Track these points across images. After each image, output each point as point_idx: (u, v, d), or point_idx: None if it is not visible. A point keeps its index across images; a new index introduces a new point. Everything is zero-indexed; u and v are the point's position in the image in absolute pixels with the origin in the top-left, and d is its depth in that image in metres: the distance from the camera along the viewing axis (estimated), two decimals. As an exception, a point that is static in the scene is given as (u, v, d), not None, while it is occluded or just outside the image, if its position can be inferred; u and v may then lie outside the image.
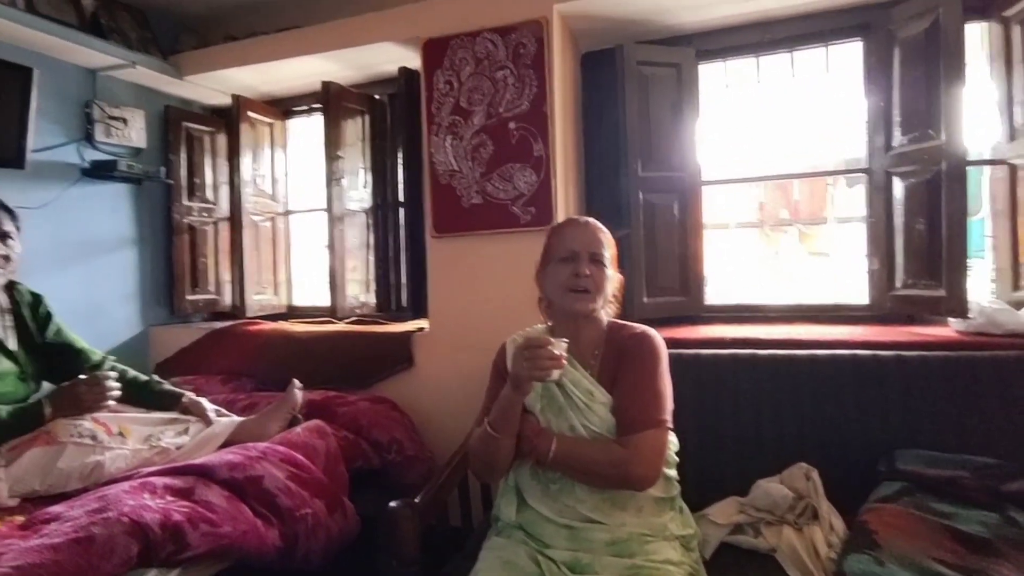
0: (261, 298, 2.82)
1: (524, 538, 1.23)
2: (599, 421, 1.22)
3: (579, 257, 1.26)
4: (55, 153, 2.35)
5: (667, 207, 2.15)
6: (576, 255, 1.26)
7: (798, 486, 1.42)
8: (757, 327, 1.99)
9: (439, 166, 2.10)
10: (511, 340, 1.39)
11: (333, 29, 2.34)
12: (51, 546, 1.09)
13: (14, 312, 1.60)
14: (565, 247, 1.28)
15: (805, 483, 1.42)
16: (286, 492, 1.47)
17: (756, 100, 2.27)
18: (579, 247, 1.27)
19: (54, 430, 1.45)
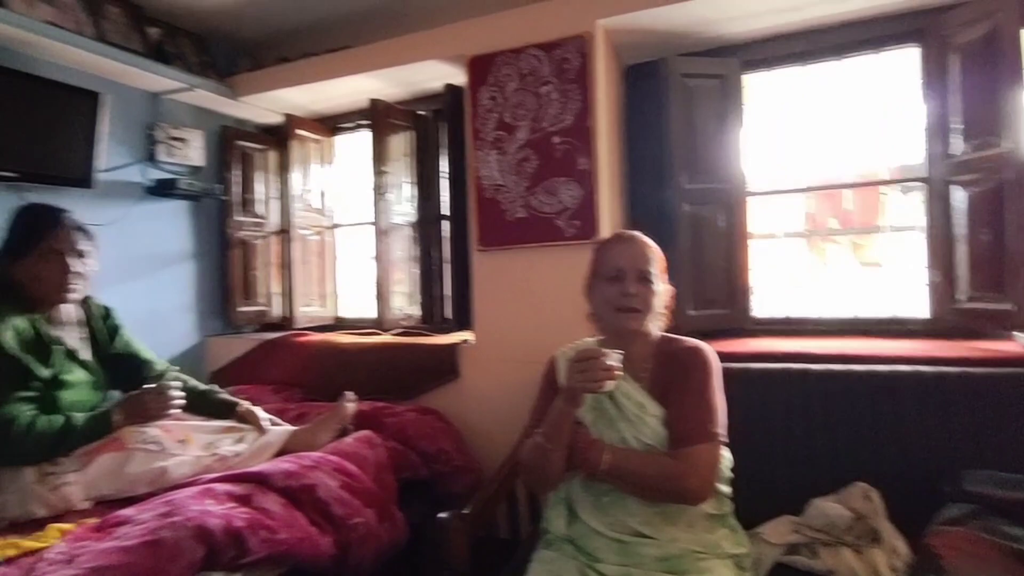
0: (309, 310, 2.90)
1: (574, 552, 1.23)
2: (651, 433, 1.22)
3: (625, 276, 1.26)
4: (121, 173, 2.48)
5: (712, 219, 2.13)
6: (623, 273, 1.26)
7: (857, 506, 1.38)
8: (807, 341, 1.94)
9: (484, 180, 2.13)
10: (561, 353, 1.40)
11: (381, 49, 2.41)
12: (124, 548, 1.14)
13: (87, 324, 1.69)
14: (611, 265, 1.28)
15: (864, 503, 1.38)
16: (339, 501, 1.51)
17: (804, 109, 2.23)
18: (625, 265, 1.27)
19: (123, 437, 1.52)
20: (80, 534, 1.25)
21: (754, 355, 1.77)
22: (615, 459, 1.17)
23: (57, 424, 1.43)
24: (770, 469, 1.54)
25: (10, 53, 2.10)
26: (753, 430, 1.55)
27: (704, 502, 1.17)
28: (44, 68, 2.19)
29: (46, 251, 1.52)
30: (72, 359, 1.59)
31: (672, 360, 1.28)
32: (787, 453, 1.54)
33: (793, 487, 1.49)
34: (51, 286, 1.53)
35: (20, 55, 2.13)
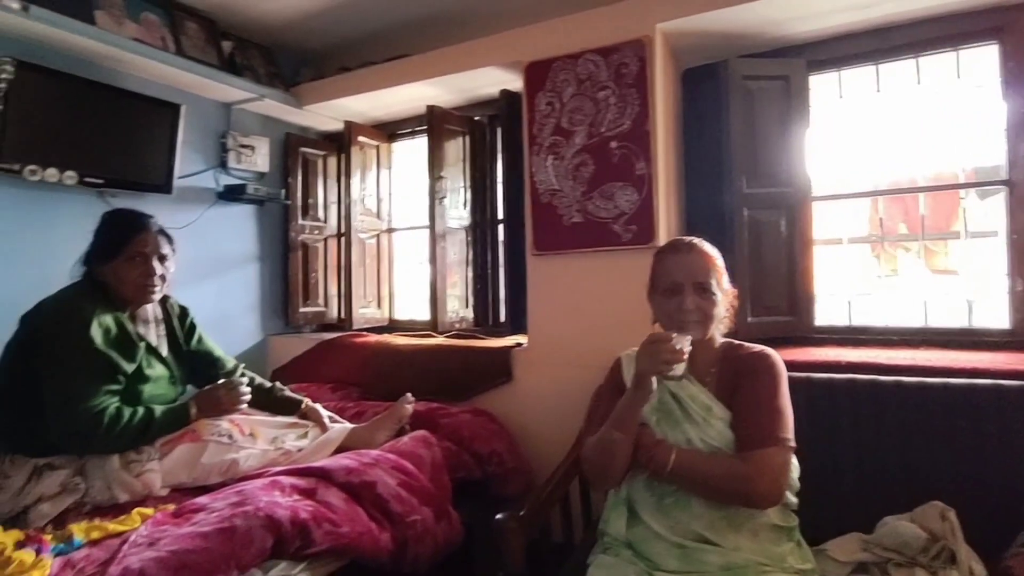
0: (366, 311, 2.98)
1: (632, 557, 1.22)
2: (717, 435, 1.21)
3: (683, 289, 1.25)
4: (196, 179, 2.63)
5: (773, 223, 2.08)
6: (679, 287, 1.25)
7: (932, 526, 1.31)
8: (874, 351, 1.86)
9: (540, 185, 2.14)
10: (626, 354, 1.40)
11: (439, 56, 2.46)
12: (201, 534, 1.21)
13: (166, 323, 1.79)
14: (668, 278, 1.28)
15: (940, 523, 1.31)
16: (397, 498, 1.55)
17: (873, 110, 2.15)
18: (682, 278, 1.26)
19: (198, 429, 1.61)
20: (160, 519, 1.32)
21: (818, 364, 1.71)
22: (682, 459, 1.17)
23: (141, 415, 1.52)
24: (836, 484, 1.48)
25: (98, 68, 2.26)
26: (818, 443, 1.50)
27: (773, 506, 1.15)
28: (128, 81, 2.34)
29: (132, 254, 1.61)
30: (153, 355, 1.69)
31: (738, 365, 1.27)
32: (855, 468, 1.48)
33: (861, 504, 1.44)
34: (134, 287, 1.62)
35: (107, 69, 2.29)
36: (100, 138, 2.21)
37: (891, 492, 1.42)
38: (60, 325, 1.49)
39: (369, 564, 1.46)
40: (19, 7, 1.92)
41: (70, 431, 1.45)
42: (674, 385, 1.28)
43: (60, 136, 2.11)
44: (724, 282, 1.30)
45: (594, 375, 1.82)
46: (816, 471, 1.46)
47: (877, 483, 1.46)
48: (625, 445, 1.20)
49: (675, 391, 1.28)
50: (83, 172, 2.13)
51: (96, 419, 1.44)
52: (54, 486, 1.44)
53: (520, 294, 2.37)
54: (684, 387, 1.27)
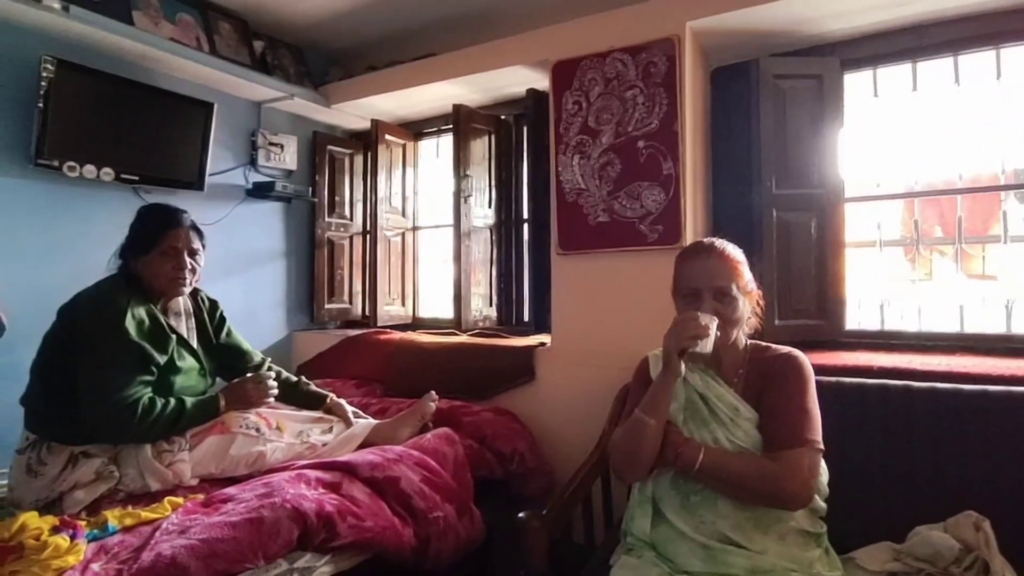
0: (390, 309, 3.01)
1: (656, 559, 1.21)
2: (744, 436, 1.20)
3: (701, 296, 1.24)
4: (226, 176, 2.68)
5: (803, 225, 2.04)
6: (698, 293, 1.25)
7: (966, 537, 1.27)
8: (908, 356, 1.82)
9: (566, 184, 2.14)
10: (652, 354, 1.39)
11: (466, 56, 2.47)
12: (230, 523, 1.23)
13: (196, 316, 1.83)
14: (687, 284, 1.27)
15: (974, 534, 1.27)
16: (420, 494, 1.56)
17: (911, 109, 2.10)
18: (701, 284, 1.25)
19: (227, 421, 1.64)
20: (190, 508, 1.35)
21: (848, 369, 1.67)
22: (711, 457, 1.16)
23: (172, 407, 1.55)
24: (866, 492, 1.45)
25: (135, 67, 2.32)
26: (848, 449, 1.47)
27: (802, 508, 1.14)
28: (163, 80, 2.40)
29: (164, 248, 1.64)
30: (184, 347, 1.72)
31: (765, 367, 1.26)
32: (886, 476, 1.45)
33: (892, 513, 1.40)
34: (166, 280, 1.65)
35: (143, 69, 2.34)
36: (136, 136, 2.26)
37: (923, 501, 1.38)
38: (96, 317, 1.53)
39: (392, 559, 1.47)
40: (60, 7, 1.98)
41: (105, 420, 1.48)
42: (700, 386, 1.27)
43: (98, 134, 2.17)
44: (747, 284, 1.28)
45: (617, 376, 1.81)
46: (845, 478, 1.43)
47: (909, 491, 1.42)
48: (654, 431, 1.19)
49: (702, 391, 1.27)
50: (119, 169, 2.19)
51: (130, 409, 1.48)
52: (89, 474, 1.48)
53: (544, 293, 2.36)
54: (711, 387, 1.26)
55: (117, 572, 1.10)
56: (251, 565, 1.20)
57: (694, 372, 1.30)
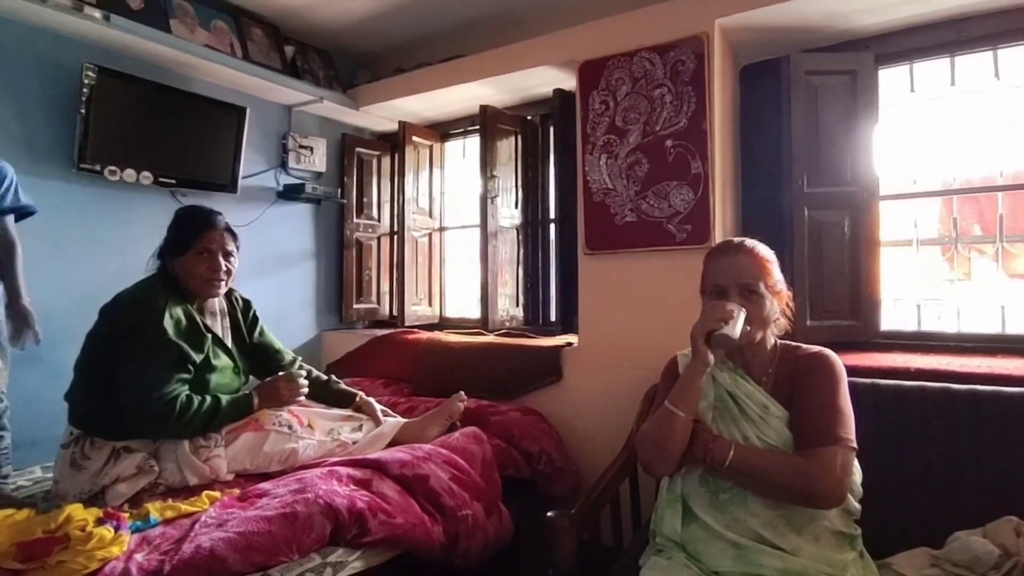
0: (417, 309, 3.04)
1: (686, 560, 1.21)
2: (774, 434, 1.19)
3: (727, 293, 1.23)
4: (258, 179, 2.74)
5: (836, 224, 2.00)
6: (724, 291, 1.24)
7: (1005, 542, 1.24)
8: (946, 358, 1.77)
9: (593, 184, 2.14)
10: (681, 354, 1.39)
11: (492, 57, 2.49)
12: (265, 517, 1.26)
13: (231, 315, 1.87)
14: (713, 281, 1.26)
15: (1015, 539, 1.24)
16: (449, 492, 1.57)
17: (949, 105, 2.04)
18: (727, 281, 1.24)
19: (261, 419, 1.67)
20: (227, 502, 1.39)
21: (884, 370, 1.64)
22: (741, 454, 1.15)
23: (208, 404, 1.59)
24: (902, 496, 1.42)
25: (172, 73, 2.38)
26: (884, 452, 1.45)
27: (835, 507, 1.12)
28: (198, 86, 2.46)
29: (200, 250, 1.68)
30: (219, 346, 1.76)
31: (796, 366, 1.25)
32: (923, 480, 1.41)
33: (928, 517, 1.37)
34: (201, 281, 1.69)
35: (180, 75, 2.41)
36: (173, 140, 2.33)
37: (962, 506, 1.35)
38: (136, 317, 1.57)
39: (421, 556, 1.49)
40: (101, 16, 2.05)
41: (144, 417, 1.52)
42: (729, 384, 1.26)
43: (137, 138, 2.24)
44: (776, 284, 1.27)
45: (645, 376, 1.81)
46: (881, 482, 1.41)
47: (947, 496, 1.39)
48: (684, 422, 1.18)
49: (731, 389, 1.26)
50: (157, 172, 2.26)
51: (168, 406, 1.52)
52: (130, 468, 1.53)
53: (571, 293, 2.36)
54: (740, 386, 1.25)
55: (159, 563, 1.14)
56: (286, 559, 1.23)
57: (723, 370, 1.29)
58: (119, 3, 2.14)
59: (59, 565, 1.11)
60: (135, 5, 2.19)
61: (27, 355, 1.97)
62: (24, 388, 1.93)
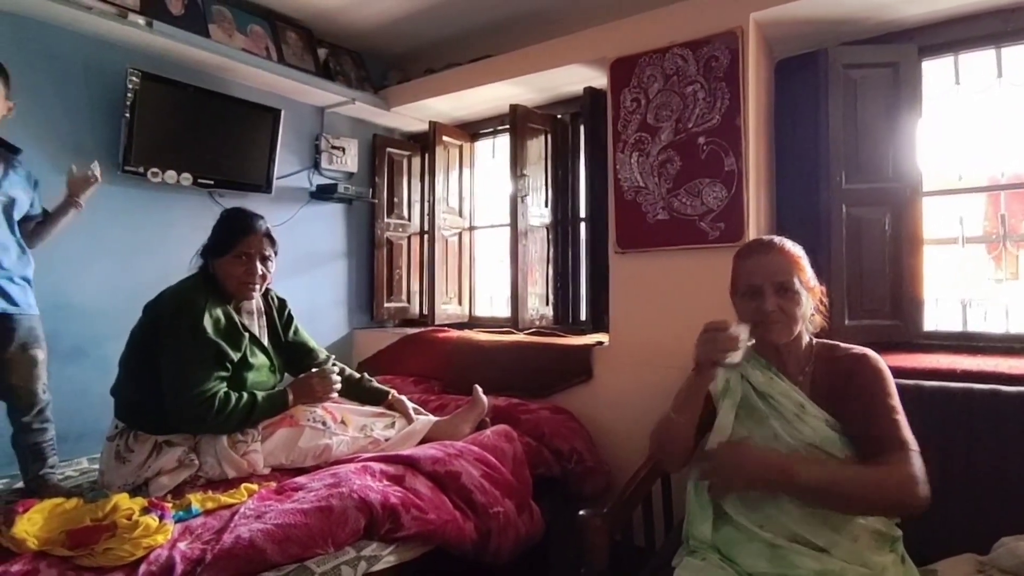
0: (447, 308, 3.06)
1: (720, 562, 1.19)
2: (811, 433, 1.16)
3: (762, 293, 1.21)
4: (292, 179, 2.79)
5: (876, 221, 1.95)
6: (758, 290, 1.21)
7: (1058, 550, 1.19)
8: (994, 359, 1.71)
9: (624, 182, 2.12)
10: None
11: (522, 56, 2.49)
12: (302, 510, 1.29)
13: (267, 314, 1.91)
14: (747, 280, 1.24)
15: (1068, 547, 1.19)
16: (481, 490, 1.58)
17: (996, 97, 1.97)
18: (761, 280, 1.22)
19: (296, 415, 1.70)
20: (265, 495, 1.42)
21: (929, 372, 1.59)
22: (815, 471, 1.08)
23: (245, 400, 1.63)
24: (947, 501, 1.36)
25: (210, 77, 2.45)
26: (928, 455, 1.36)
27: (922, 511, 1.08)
28: (235, 89, 2.52)
29: (239, 253, 1.71)
30: (256, 344, 1.80)
31: (836, 366, 1.22)
32: (969, 484, 1.37)
33: (976, 523, 1.32)
34: (237, 283, 1.72)
35: (218, 79, 2.47)
36: (211, 142, 2.39)
37: (1010, 510, 1.30)
38: (177, 316, 1.61)
39: (454, 552, 1.49)
40: (144, 23, 2.11)
41: (185, 413, 1.56)
42: (763, 383, 1.24)
43: (178, 141, 2.31)
44: (810, 280, 1.25)
45: (677, 376, 1.76)
46: (926, 486, 1.37)
47: (994, 501, 1.34)
48: (685, 428, 1.24)
49: (764, 389, 1.24)
50: (197, 174, 2.32)
51: (208, 403, 1.56)
52: (172, 461, 1.57)
53: (601, 292, 2.35)
54: (774, 384, 1.23)
55: (201, 551, 1.17)
56: (321, 551, 1.25)
57: (756, 368, 1.27)
58: (161, 10, 2.21)
59: (106, 552, 1.15)
60: (176, 11, 2.26)
61: (75, 350, 2.05)
62: (72, 382, 2.00)
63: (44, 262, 1.84)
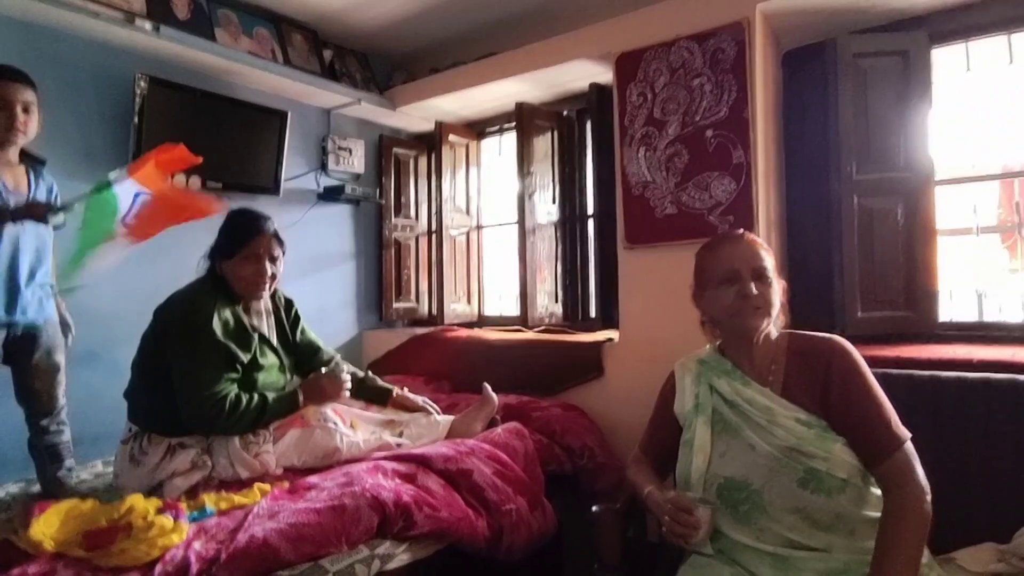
0: (456, 307, 3.06)
1: (727, 560, 1.18)
2: (785, 435, 1.13)
3: (741, 277, 1.19)
4: (299, 181, 2.80)
5: (888, 211, 1.93)
6: (737, 274, 1.20)
7: (1080, 539, 1.17)
8: (1011, 349, 1.68)
9: (631, 177, 2.11)
10: (680, 364, 1.37)
11: (527, 52, 2.48)
12: (315, 509, 1.29)
13: (275, 314, 1.91)
14: (724, 267, 1.22)
15: (1090, 537, 1.17)
16: (493, 487, 1.57)
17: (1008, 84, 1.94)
18: (739, 265, 1.20)
19: (307, 415, 1.70)
20: (278, 495, 1.42)
21: (945, 362, 1.57)
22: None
23: (256, 402, 1.63)
24: (965, 491, 1.35)
25: (217, 80, 2.46)
26: (945, 447, 1.38)
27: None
28: (242, 92, 2.53)
29: (247, 254, 1.71)
30: (266, 344, 1.80)
31: (812, 360, 1.19)
32: (987, 474, 1.35)
33: (995, 512, 1.30)
34: (246, 284, 1.73)
35: (224, 82, 2.48)
36: (220, 145, 2.40)
37: (1031, 502, 1.28)
38: (186, 319, 1.62)
39: (467, 549, 1.49)
40: (151, 28, 2.12)
41: (196, 415, 1.57)
42: (728, 392, 1.23)
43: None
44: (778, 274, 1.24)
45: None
46: (944, 477, 1.34)
47: (1013, 490, 1.32)
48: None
49: (730, 397, 1.22)
50: (206, 177, 2.33)
51: (219, 404, 1.56)
52: (185, 463, 1.58)
53: (610, 289, 2.34)
54: (739, 391, 1.21)
55: (216, 551, 1.17)
56: (335, 550, 1.25)
57: (720, 377, 1.25)
58: (168, 15, 2.22)
59: (122, 552, 1.16)
60: (182, 16, 2.27)
61: (88, 355, 2.06)
62: (86, 386, 2.02)
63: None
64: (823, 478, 1.10)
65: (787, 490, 1.12)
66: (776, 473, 1.13)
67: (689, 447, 1.24)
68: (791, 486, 1.11)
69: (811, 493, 1.10)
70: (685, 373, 1.33)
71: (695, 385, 1.29)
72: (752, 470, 1.15)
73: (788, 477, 1.12)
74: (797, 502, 1.11)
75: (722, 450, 1.20)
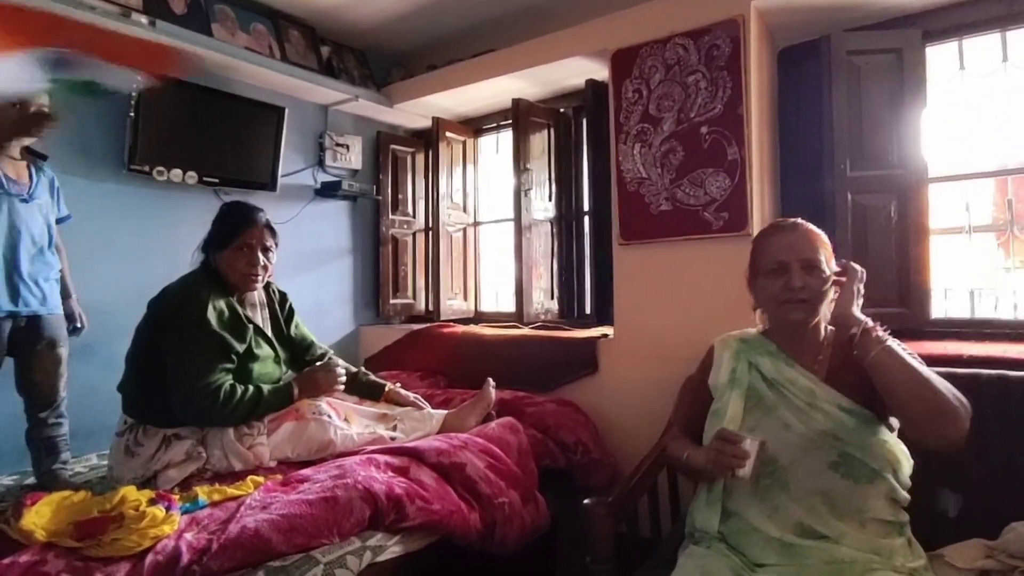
0: (453, 303, 3.06)
1: (726, 551, 1.18)
2: (823, 420, 1.14)
3: (789, 268, 1.19)
4: (296, 177, 2.80)
5: (882, 209, 1.94)
6: (785, 266, 1.20)
7: (1068, 534, 1.18)
8: (1002, 345, 1.69)
9: (627, 174, 2.11)
10: (719, 340, 1.36)
11: (524, 49, 2.49)
12: (307, 501, 1.29)
13: (269, 306, 1.91)
14: (772, 258, 1.23)
15: (1079, 533, 1.18)
16: (486, 480, 1.58)
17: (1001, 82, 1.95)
18: (788, 256, 1.20)
19: (301, 409, 1.71)
20: (271, 486, 1.43)
21: (935, 358, 1.56)
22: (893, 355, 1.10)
23: (251, 393, 1.64)
24: (955, 487, 1.37)
25: (214, 76, 2.46)
26: (935, 442, 1.39)
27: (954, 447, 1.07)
28: (239, 88, 2.53)
29: (240, 245, 1.72)
30: (260, 336, 1.80)
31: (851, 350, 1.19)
32: (978, 470, 1.36)
33: (985, 508, 1.31)
34: (240, 275, 1.73)
35: (221, 77, 2.49)
36: (216, 141, 2.41)
37: (1018, 495, 1.30)
38: (180, 310, 1.62)
39: (459, 542, 1.49)
40: (147, 22, 2.13)
41: (190, 406, 1.58)
42: (771, 371, 1.23)
43: (183, 140, 2.32)
44: (832, 263, 1.23)
45: (682, 367, 1.78)
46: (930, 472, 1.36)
47: (1002, 487, 1.33)
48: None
49: (771, 376, 1.23)
50: (202, 172, 2.34)
51: (213, 396, 1.57)
52: (180, 454, 1.59)
53: (606, 285, 2.35)
54: (782, 371, 1.22)
55: (207, 541, 1.17)
56: (327, 541, 1.25)
57: (764, 356, 1.26)
58: (164, 9, 2.22)
59: (114, 542, 1.16)
60: (179, 10, 2.27)
61: (83, 348, 2.06)
62: (81, 380, 2.02)
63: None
64: (856, 464, 1.11)
65: (816, 471, 1.13)
66: (808, 453, 1.14)
67: (718, 417, 1.25)
68: (821, 467, 1.13)
69: (841, 477, 1.12)
70: (724, 349, 1.33)
71: (733, 361, 1.29)
72: (783, 448, 1.16)
73: (820, 458, 1.13)
74: (824, 484, 1.12)
75: (752, 425, 1.21)
